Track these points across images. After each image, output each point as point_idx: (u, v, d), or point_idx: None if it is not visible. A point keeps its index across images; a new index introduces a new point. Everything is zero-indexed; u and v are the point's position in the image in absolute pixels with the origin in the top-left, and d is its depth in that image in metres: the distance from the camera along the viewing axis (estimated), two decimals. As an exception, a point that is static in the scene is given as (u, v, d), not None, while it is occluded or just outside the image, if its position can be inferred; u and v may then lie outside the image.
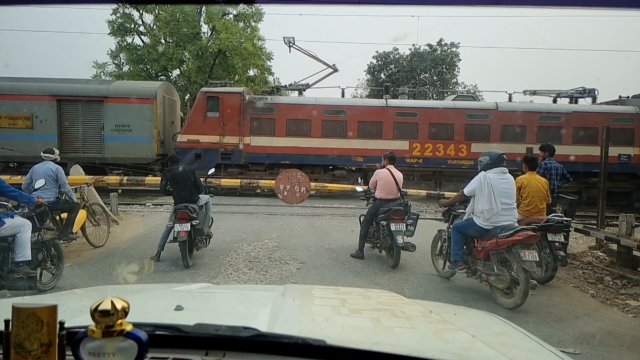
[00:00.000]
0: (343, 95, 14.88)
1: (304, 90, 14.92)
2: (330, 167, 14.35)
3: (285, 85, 15.60)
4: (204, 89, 14.13)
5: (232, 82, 21.45)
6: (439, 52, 25.96)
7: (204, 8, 21.96)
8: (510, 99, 14.78)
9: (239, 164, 13.94)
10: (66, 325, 0.83)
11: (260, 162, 13.97)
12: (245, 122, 13.76)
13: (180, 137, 13.93)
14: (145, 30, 23.09)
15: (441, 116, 13.97)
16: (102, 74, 23.66)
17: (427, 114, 13.93)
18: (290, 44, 14.43)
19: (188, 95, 21.95)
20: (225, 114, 13.68)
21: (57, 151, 6.18)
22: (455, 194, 5.50)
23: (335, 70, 14.56)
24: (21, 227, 4.32)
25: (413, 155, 13.91)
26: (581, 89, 14.65)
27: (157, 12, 21.99)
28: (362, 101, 14.46)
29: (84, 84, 14.04)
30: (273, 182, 12.14)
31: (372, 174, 6.52)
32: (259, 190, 13.56)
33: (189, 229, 5.64)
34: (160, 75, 23.53)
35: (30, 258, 4.34)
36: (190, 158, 12.44)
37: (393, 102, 14.41)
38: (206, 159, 13.24)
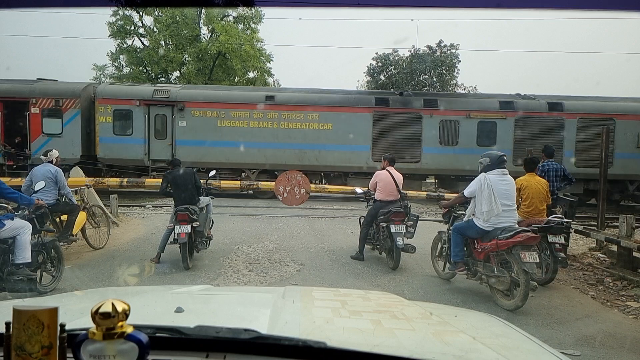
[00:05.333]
0: None
1: None
2: None
3: None
4: None
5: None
6: (438, 53, 25.96)
7: (203, 10, 22.02)
8: None
9: None
10: (67, 327, 0.83)
11: None
12: None
13: None
14: (145, 33, 23.13)
15: None
16: (101, 76, 23.71)
17: None
18: None
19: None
20: None
21: (53, 153, 6.13)
22: (456, 195, 5.50)
23: None
24: (21, 229, 4.32)
25: None
26: None
27: (156, 14, 22.04)
28: None
29: None
30: (272, 183, 12.19)
31: None
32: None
33: (190, 231, 5.64)
34: (160, 78, 23.57)
35: (30, 260, 4.33)
36: None
37: None
38: None
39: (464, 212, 5.15)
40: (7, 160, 13.36)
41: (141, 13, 22.28)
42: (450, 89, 25.78)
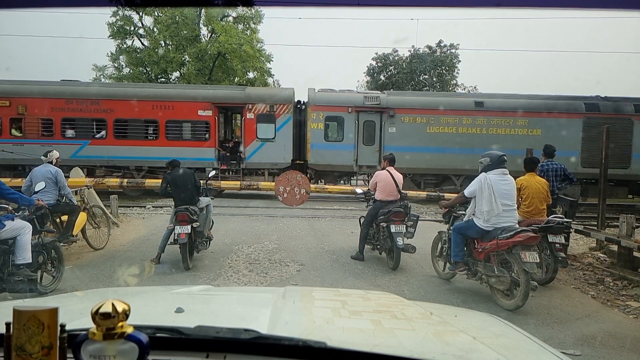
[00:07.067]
0: None
1: None
2: None
3: None
4: None
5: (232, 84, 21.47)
6: (438, 53, 25.98)
7: (203, 10, 22.01)
8: None
9: None
10: (67, 327, 0.83)
11: None
12: None
13: None
14: (145, 33, 23.12)
15: None
16: (101, 77, 23.71)
17: None
18: None
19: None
20: None
21: (53, 154, 6.13)
22: (456, 195, 5.50)
23: None
24: (21, 229, 4.32)
25: None
26: None
27: (156, 14, 22.03)
28: None
29: None
30: (271, 184, 12.21)
31: None
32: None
33: (190, 231, 5.64)
34: (160, 78, 23.57)
35: (30, 260, 4.33)
36: None
37: None
38: None
39: (464, 212, 5.14)
40: (221, 164, 13.53)
41: (141, 13, 22.27)
42: (450, 89, 25.78)
